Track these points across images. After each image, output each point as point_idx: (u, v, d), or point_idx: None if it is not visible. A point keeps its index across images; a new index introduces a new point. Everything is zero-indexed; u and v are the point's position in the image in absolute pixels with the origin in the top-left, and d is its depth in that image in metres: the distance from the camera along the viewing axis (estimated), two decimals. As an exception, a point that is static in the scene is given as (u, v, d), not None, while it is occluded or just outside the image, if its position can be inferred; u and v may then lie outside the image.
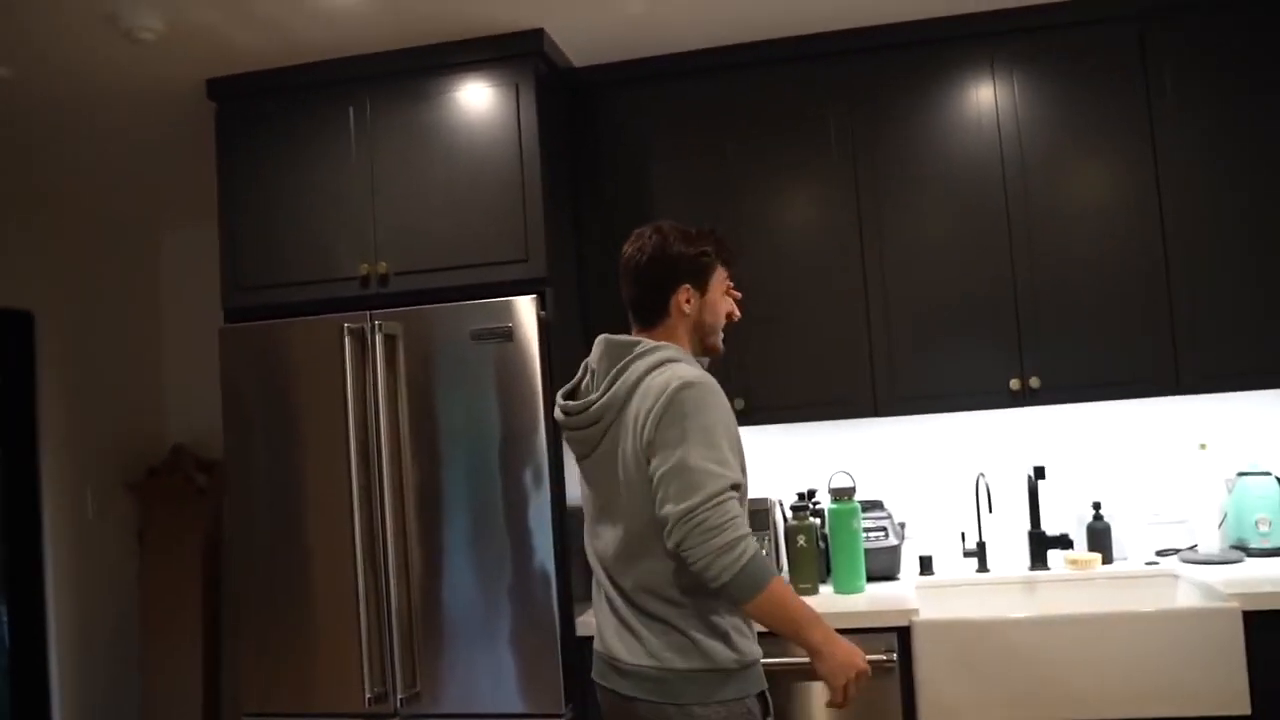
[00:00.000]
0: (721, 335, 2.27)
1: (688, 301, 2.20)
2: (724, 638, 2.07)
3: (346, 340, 2.98)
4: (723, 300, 2.25)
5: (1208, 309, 3.00)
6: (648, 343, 2.16)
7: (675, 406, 2.03)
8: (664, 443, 2.02)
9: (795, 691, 2.78)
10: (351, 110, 3.13)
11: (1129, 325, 3.04)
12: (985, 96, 3.15)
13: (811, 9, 3.08)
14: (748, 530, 1.99)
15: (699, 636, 2.06)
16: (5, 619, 4.22)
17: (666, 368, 2.10)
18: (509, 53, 3.05)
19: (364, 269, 3.09)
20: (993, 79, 3.15)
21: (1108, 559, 3.17)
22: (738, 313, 2.29)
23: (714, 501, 1.97)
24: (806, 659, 2.08)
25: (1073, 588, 3.09)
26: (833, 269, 3.20)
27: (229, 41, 2.99)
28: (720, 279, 2.25)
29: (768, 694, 2.14)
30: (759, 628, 2.13)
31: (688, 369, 2.09)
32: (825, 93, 3.24)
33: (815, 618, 2.04)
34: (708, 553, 1.95)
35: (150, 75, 3.17)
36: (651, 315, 2.22)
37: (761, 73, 3.27)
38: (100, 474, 4.50)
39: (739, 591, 1.98)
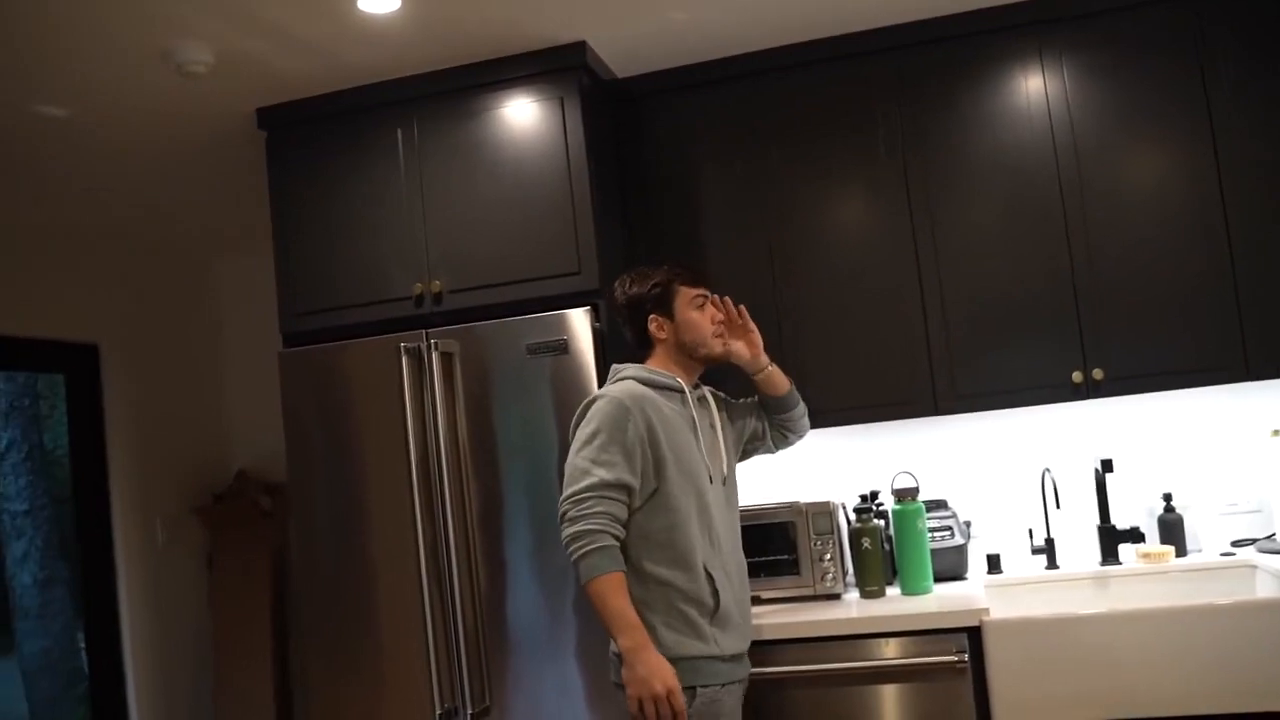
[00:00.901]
0: (718, 342, 2.59)
1: (660, 328, 2.57)
2: (651, 629, 2.34)
3: (403, 360, 3.00)
4: (696, 315, 2.57)
5: (1274, 292, 2.93)
6: (619, 368, 2.55)
7: (581, 414, 2.45)
8: (571, 444, 2.43)
9: (852, 697, 2.74)
10: (399, 131, 3.17)
11: (1193, 312, 2.97)
12: (1035, 86, 3.10)
13: (853, 7, 3.06)
14: (596, 526, 2.30)
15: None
16: (83, 647, 4.31)
17: (612, 386, 2.47)
18: (552, 67, 3.06)
19: (418, 288, 3.11)
20: (1042, 68, 3.10)
21: (1181, 552, 3.10)
22: (713, 325, 2.59)
23: (578, 496, 2.33)
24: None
25: (1146, 582, 3.02)
26: (886, 268, 3.17)
27: (277, 69, 3.03)
28: (685, 299, 2.57)
29: (699, 690, 2.36)
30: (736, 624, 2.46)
31: (620, 386, 2.44)
32: (871, 90, 3.21)
33: (629, 626, 2.29)
34: (564, 540, 2.33)
35: (202, 107, 3.23)
36: (641, 347, 2.62)
37: (805, 74, 3.26)
38: (168, 502, 4.58)
39: (579, 579, 2.32)
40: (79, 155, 3.52)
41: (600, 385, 2.86)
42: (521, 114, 3.09)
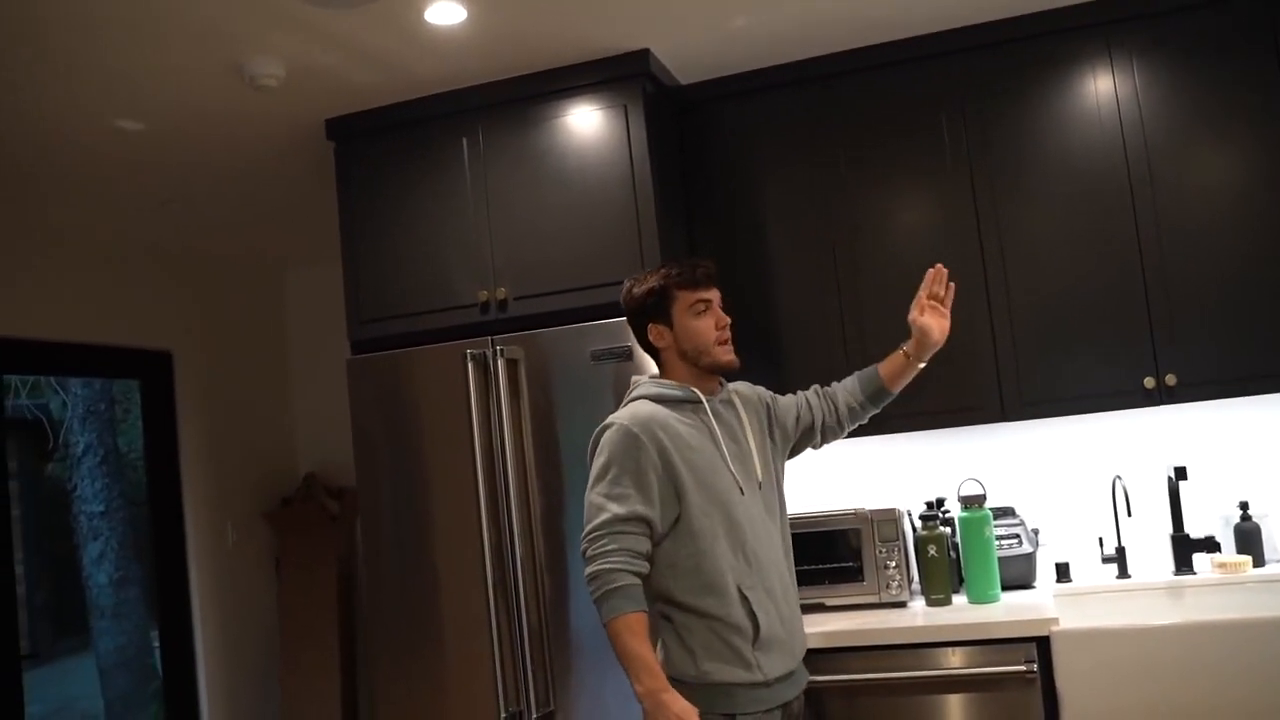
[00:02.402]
0: (723, 350, 2.41)
1: (660, 336, 2.44)
2: (690, 653, 2.29)
3: (469, 366, 3.04)
4: (695, 322, 2.40)
5: (1356, 295, 2.86)
6: (636, 382, 2.46)
7: (593, 445, 2.37)
8: (589, 477, 2.35)
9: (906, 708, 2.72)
10: (465, 140, 3.20)
11: (1267, 316, 2.90)
12: (1104, 87, 3.06)
13: (917, 10, 3.03)
14: (613, 564, 2.22)
15: (666, 645, 2.34)
16: (156, 645, 4.41)
17: (623, 410, 2.38)
18: (616, 74, 3.08)
19: (483, 295, 3.14)
20: (1111, 69, 3.05)
21: (1259, 561, 3.03)
22: (716, 332, 2.41)
23: (593, 535, 2.26)
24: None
25: (1221, 592, 2.96)
26: (952, 273, 3.13)
27: (346, 81, 3.08)
28: (684, 306, 2.40)
29: (738, 717, 2.27)
30: (773, 650, 2.32)
31: (629, 410, 2.35)
32: (935, 94, 3.19)
33: (646, 668, 2.20)
34: (587, 578, 2.26)
35: (272, 119, 3.30)
36: (652, 355, 2.51)
37: (869, 78, 3.24)
38: (238, 504, 4.67)
39: (600, 619, 2.25)
40: (155, 169, 3.61)
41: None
42: (585, 121, 3.11)
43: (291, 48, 2.84)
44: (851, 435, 2.82)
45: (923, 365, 2.65)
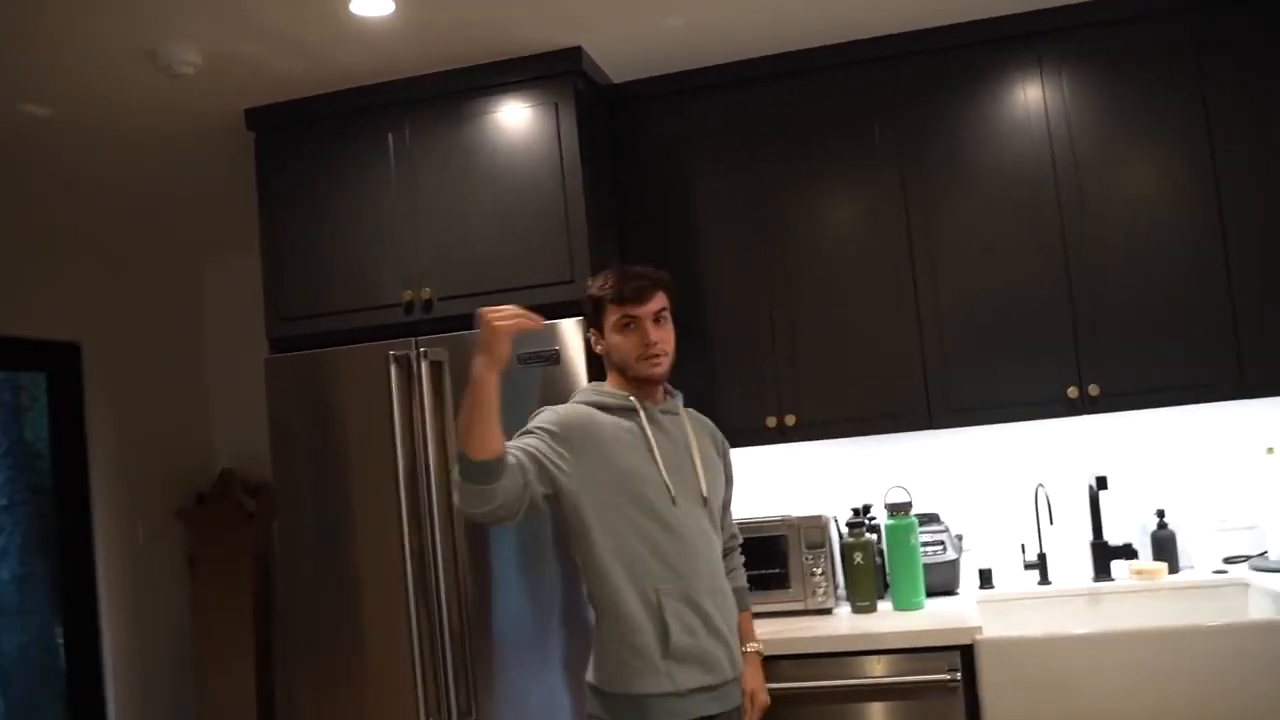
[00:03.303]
0: (646, 365, 2.35)
1: (597, 342, 2.44)
2: (604, 660, 2.30)
3: (392, 368, 2.96)
4: (619, 338, 2.37)
5: (1272, 309, 2.91)
6: (578, 392, 2.46)
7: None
8: None
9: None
10: (391, 136, 3.12)
11: (1190, 328, 2.96)
12: (1034, 97, 3.08)
13: (852, 16, 3.02)
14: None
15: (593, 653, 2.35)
16: (61, 645, 4.26)
17: (559, 406, 2.39)
18: (547, 72, 3.02)
19: (407, 295, 3.07)
20: (1041, 79, 3.08)
21: (1174, 568, 3.09)
22: (641, 348, 2.35)
23: None
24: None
25: (1138, 599, 3.01)
26: (882, 280, 3.15)
27: (266, 71, 2.98)
28: (611, 318, 2.38)
29: None
30: (680, 663, 2.26)
31: (565, 407, 2.37)
32: (868, 99, 3.18)
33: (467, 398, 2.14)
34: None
35: (189, 108, 3.18)
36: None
37: (802, 81, 3.22)
38: (150, 501, 4.53)
39: (463, 486, 2.13)
40: (64, 154, 3.46)
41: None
42: (515, 119, 3.04)
43: (209, 34, 2.74)
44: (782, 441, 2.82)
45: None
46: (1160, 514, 3.13)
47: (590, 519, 2.27)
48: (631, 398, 2.38)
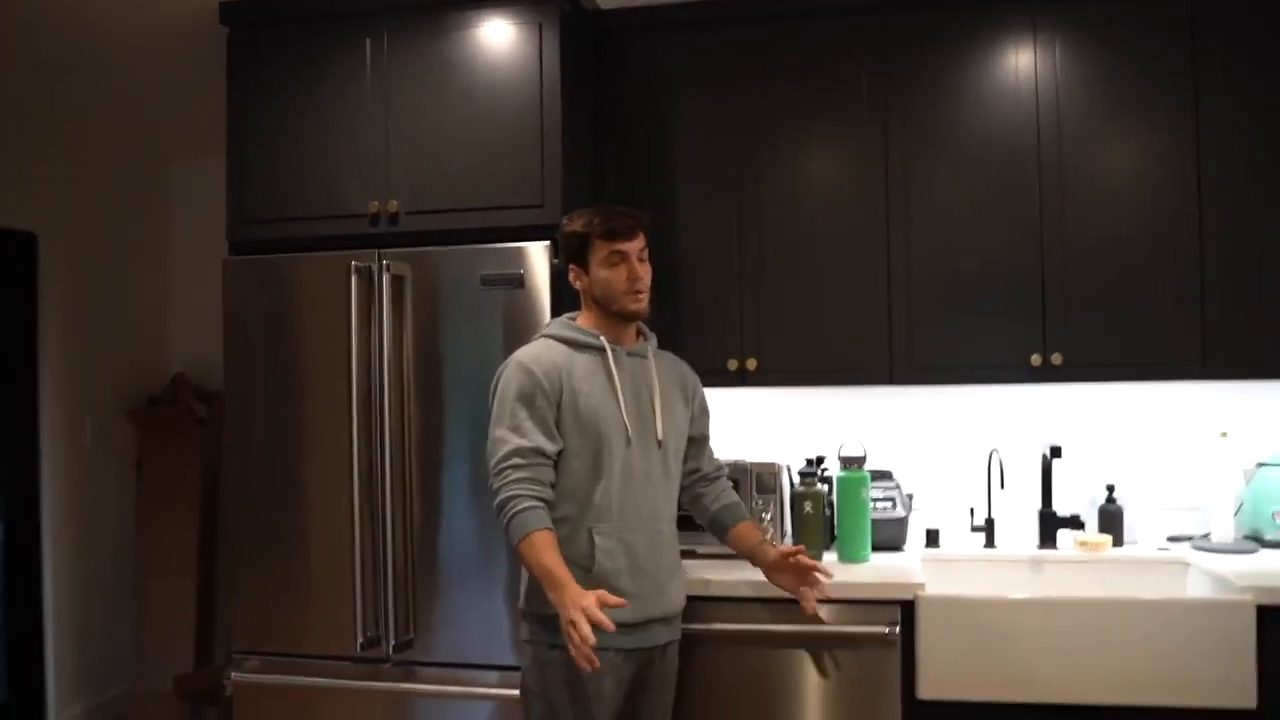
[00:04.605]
0: (631, 300, 2.43)
1: (577, 278, 2.47)
2: (535, 581, 2.34)
3: (353, 279, 2.91)
4: (606, 272, 2.42)
5: (1240, 294, 2.92)
6: (548, 323, 2.53)
7: (495, 382, 2.43)
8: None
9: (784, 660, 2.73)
10: (369, 42, 3.04)
11: (1158, 306, 2.96)
12: (1025, 62, 3.04)
13: (850, -40, 2.97)
14: (519, 491, 2.29)
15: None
16: (1, 540, 4.20)
17: (526, 347, 2.44)
18: (535, -10, 2.95)
19: (374, 206, 3.00)
20: (1034, 44, 3.04)
21: (1118, 542, 3.11)
22: (628, 283, 2.42)
23: (499, 467, 2.32)
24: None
25: (1081, 570, 3.03)
26: (855, 231, 3.12)
27: (245, -37, 2.89)
28: (599, 253, 2.42)
29: (558, 648, 2.28)
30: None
31: (532, 348, 2.42)
32: (858, 49, 3.13)
33: (554, 582, 2.21)
34: (495, 509, 2.32)
35: (163, -4, 3.08)
36: (576, 291, 2.51)
37: (793, 24, 3.16)
38: (100, 401, 4.46)
39: (510, 541, 2.31)
40: (28, 37, 3.34)
41: (554, 324, 2.80)
42: (497, 36, 2.97)
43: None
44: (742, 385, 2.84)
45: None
46: (1110, 488, 3.15)
47: (563, 454, 2.38)
48: (601, 337, 2.44)
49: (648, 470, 2.44)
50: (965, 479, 3.35)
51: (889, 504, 3.10)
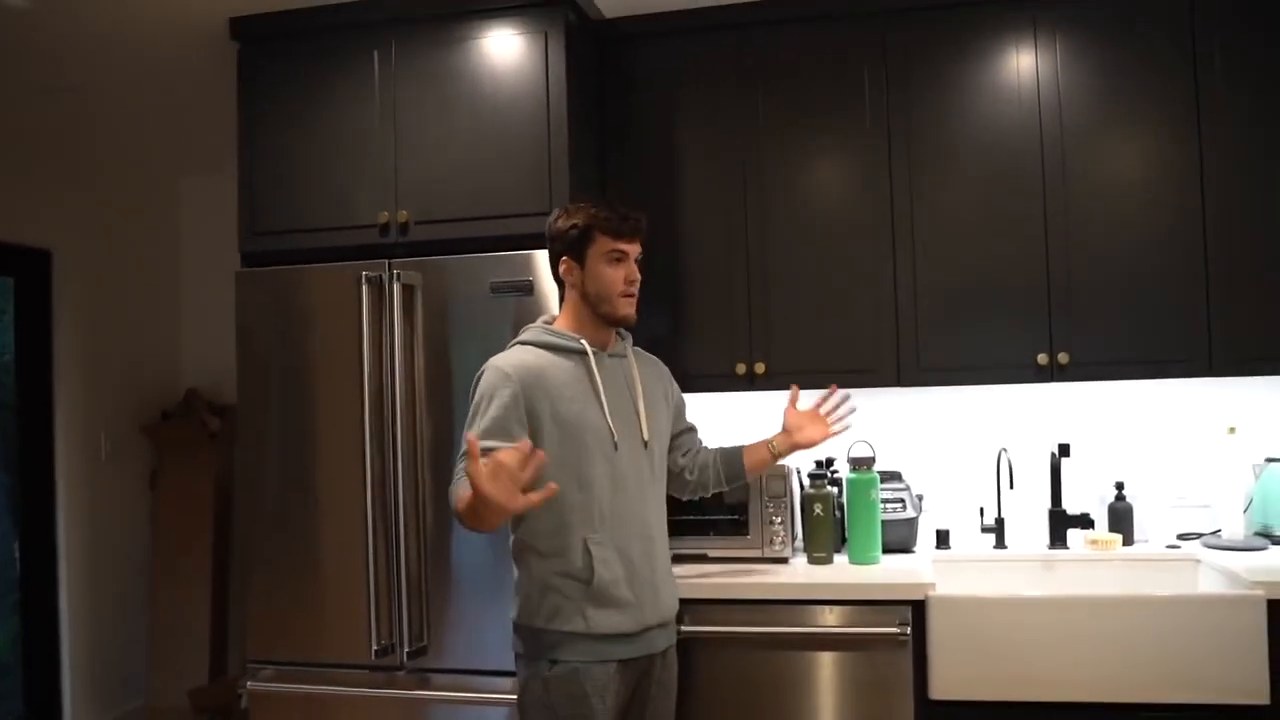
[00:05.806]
0: (625, 304, 2.39)
1: (569, 271, 2.40)
2: (530, 598, 2.34)
3: (364, 289, 2.93)
4: (606, 269, 2.36)
5: (1245, 291, 2.92)
6: (525, 328, 2.45)
7: (474, 386, 2.35)
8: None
9: (794, 662, 2.74)
10: (376, 54, 3.07)
11: (1163, 304, 2.96)
12: (1026, 63, 3.06)
13: (851, -35, 2.99)
14: (456, 480, 2.20)
15: (518, 589, 2.38)
16: (17, 555, 4.23)
17: (503, 354, 2.38)
18: (539, 0, 2.97)
19: (384, 217, 3.03)
20: (1035, 45, 3.06)
21: (1128, 540, 3.11)
22: (624, 285, 2.38)
23: (459, 467, 2.21)
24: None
25: (1092, 568, 3.04)
26: (862, 234, 3.13)
27: (254, -22, 2.93)
28: (601, 249, 2.37)
29: (558, 663, 2.28)
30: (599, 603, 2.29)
31: (508, 355, 2.36)
32: (862, 54, 3.15)
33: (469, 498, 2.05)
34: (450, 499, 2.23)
35: (174, 11, 3.11)
36: (559, 290, 2.46)
37: (796, 30, 3.19)
38: (114, 415, 4.50)
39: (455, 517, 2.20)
40: (39, 53, 3.38)
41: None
42: (503, 46, 3.00)
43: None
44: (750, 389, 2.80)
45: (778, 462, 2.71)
46: (1119, 486, 3.16)
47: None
48: (582, 340, 2.39)
49: (636, 474, 2.39)
50: (974, 479, 3.36)
51: (899, 505, 3.11)
